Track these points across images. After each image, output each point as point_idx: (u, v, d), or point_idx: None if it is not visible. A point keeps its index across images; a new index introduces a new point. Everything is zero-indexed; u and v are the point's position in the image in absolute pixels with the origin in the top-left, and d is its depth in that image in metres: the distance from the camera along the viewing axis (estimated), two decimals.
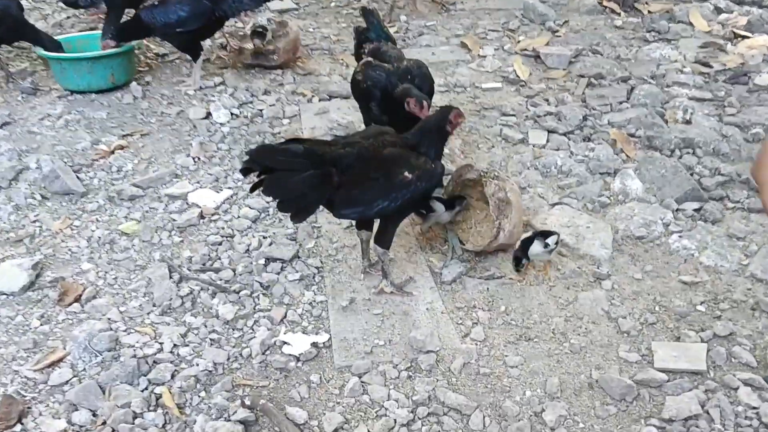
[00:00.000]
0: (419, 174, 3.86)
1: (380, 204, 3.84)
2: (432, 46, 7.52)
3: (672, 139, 5.54)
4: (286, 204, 3.72)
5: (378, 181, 3.82)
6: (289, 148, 3.67)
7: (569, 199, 5.03)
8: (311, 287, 4.31)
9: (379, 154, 3.85)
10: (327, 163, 3.72)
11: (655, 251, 4.58)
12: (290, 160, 3.63)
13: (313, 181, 3.68)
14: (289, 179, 3.63)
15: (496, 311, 4.12)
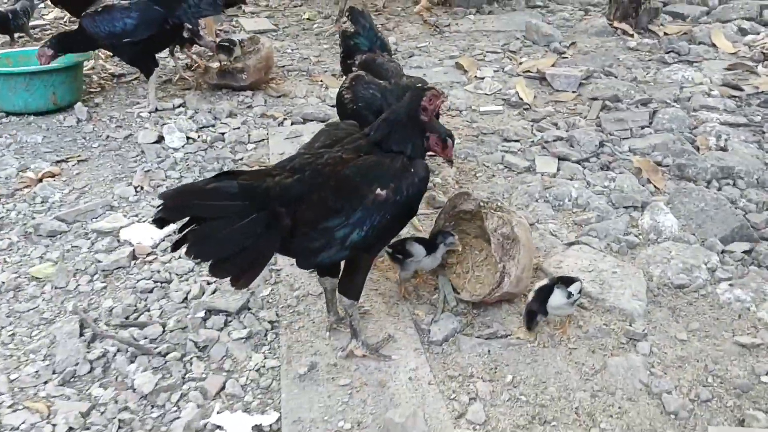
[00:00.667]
0: (395, 186, 2.93)
1: (354, 238, 2.90)
2: (423, 68, 6.67)
3: (708, 167, 4.63)
4: (222, 266, 2.77)
5: (344, 211, 2.88)
6: (218, 188, 2.73)
7: (588, 238, 4.09)
8: (261, 348, 3.34)
9: (337, 172, 2.91)
10: (272, 200, 2.79)
11: (701, 304, 3.63)
12: (221, 205, 2.71)
13: (256, 229, 2.75)
14: (222, 231, 2.69)
15: (500, 382, 3.15)
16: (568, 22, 7.89)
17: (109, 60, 6.73)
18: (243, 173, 2.89)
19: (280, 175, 2.87)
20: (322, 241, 2.89)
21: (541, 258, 3.92)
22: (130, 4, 5.42)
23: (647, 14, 7.61)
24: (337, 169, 2.92)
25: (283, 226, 2.81)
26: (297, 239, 2.87)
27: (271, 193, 2.79)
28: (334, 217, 2.88)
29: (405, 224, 3.17)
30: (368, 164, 2.97)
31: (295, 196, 2.83)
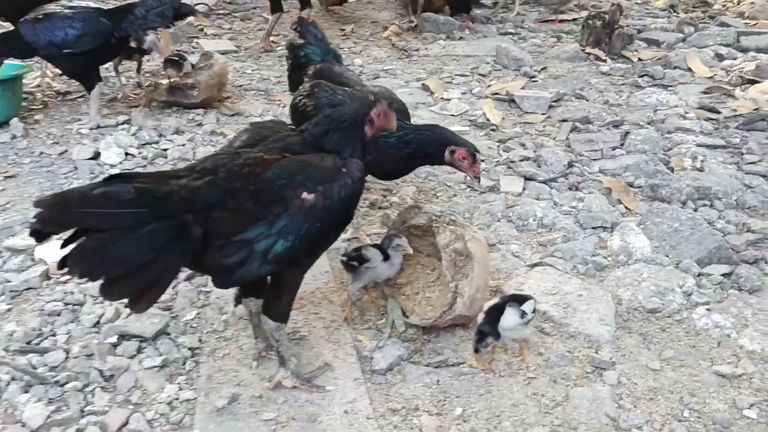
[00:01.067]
0: (325, 189, 2.57)
1: (278, 250, 2.51)
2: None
3: (683, 188, 4.31)
4: (116, 286, 2.34)
5: (265, 219, 2.51)
6: (107, 193, 2.30)
7: (553, 259, 3.73)
8: (177, 379, 2.92)
9: (257, 174, 2.54)
10: (177, 207, 2.41)
11: (676, 330, 3.26)
12: (112, 213, 2.29)
13: (157, 241, 2.35)
14: (113, 244, 2.29)
15: (448, 416, 2.75)
16: (539, 48, 7.65)
17: (57, 78, 6.36)
18: (140, 175, 2.49)
19: (188, 177, 2.49)
20: (241, 255, 2.49)
21: (501, 280, 3.54)
22: (74, 13, 5.08)
23: (621, 40, 7.39)
24: (257, 171, 2.54)
25: (192, 238, 2.41)
26: (210, 253, 2.48)
27: (175, 198, 2.40)
28: (254, 226, 2.50)
29: (339, 233, 2.80)
30: (294, 165, 2.61)
31: (206, 202, 2.45)
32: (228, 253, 2.48)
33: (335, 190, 2.58)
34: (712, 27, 8.13)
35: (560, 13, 8.82)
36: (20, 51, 5.11)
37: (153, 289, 2.39)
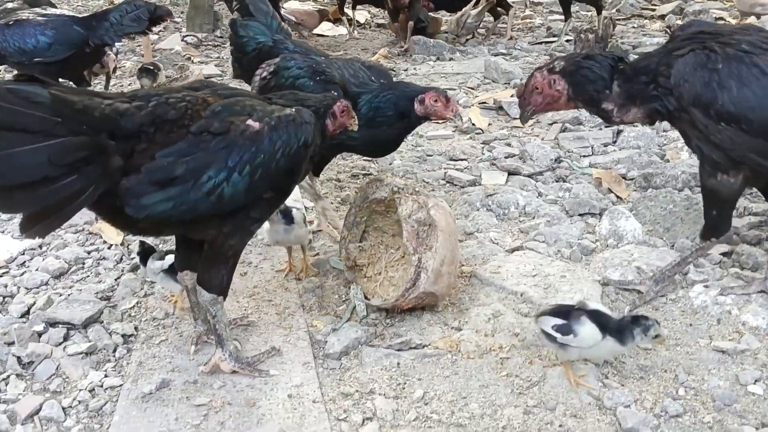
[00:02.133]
0: (273, 124, 2.31)
1: (212, 180, 2.21)
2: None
3: (678, 174, 3.99)
4: (10, 196, 2.02)
5: (203, 139, 2.22)
6: (19, 90, 2.01)
7: (535, 243, 3.40)
8: (103, 365, 2.60)
9: (196, 110, 2.27)
10: (97, 125, 2.12)
11: (670, 309, 2.91)
12: (20, 113, 2.00)
13: (66, 158, 2.05)
14: (15, 147, 2.00)
15: (407, 399, 2.41)
16: (531, 65, 7.43)
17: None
18: (63, 87, 2.21)
19: (116, 99, 2.21)
20: (164, 176, 2.18)
21: (476, 265, 3.22)
22: (47, 20, 4.90)
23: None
24: (196, 108, 2.27)
25: (109, 167, 2.12)
26: (131, 181, 2.17)
27: (96, 114, 2.11)
28: (184, 155, 2.21)
29: (283, 188, 2.49)
30: (239, 101, 2.35)
31: (131, 127, 2.16)
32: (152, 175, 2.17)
33: (283, 123, 2.31)
34: None
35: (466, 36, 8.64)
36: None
37: (52, 216, 2.06)
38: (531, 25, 9.50)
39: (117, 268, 3.26)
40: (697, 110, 2.57)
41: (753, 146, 2.53)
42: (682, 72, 2.58)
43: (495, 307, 2.87)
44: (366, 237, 3.09)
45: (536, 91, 2.87)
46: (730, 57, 2.53)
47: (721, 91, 2.50)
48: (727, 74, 2.50)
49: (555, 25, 9.14)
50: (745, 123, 2.49)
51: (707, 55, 2.55)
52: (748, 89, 2.49)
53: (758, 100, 2.48)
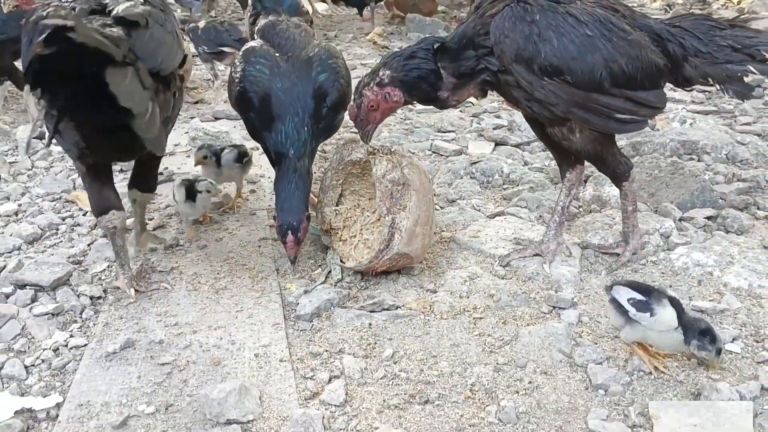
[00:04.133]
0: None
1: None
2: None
3: (667, 142, 3.93)
4: None
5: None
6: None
7: (517, 209, 3.34)
8: (69, 326, 2.56)
9: None
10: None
11: (650, 270, 2.85)
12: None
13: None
14: None
15: (376, 358, 2.36)
16: None
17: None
18: None
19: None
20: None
21: (455, 231, 3.16)
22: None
23: None
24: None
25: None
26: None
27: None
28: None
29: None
30: None
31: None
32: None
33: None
34: None
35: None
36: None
37: None
38: None
39: (91, 234, 3.22)
40: (521, 66, 2.46)
41: (576, 100, 2.46)
42: (501, 27, 2.46)
43: (472, 270, 2.82)
44: (342, 201, 3.03)
45: (372, 109, 2.66)
46: (545, 8, 2.46)
47: (543, 43, 2.41)
48: (545, 25, 2.43)
49: None
50: (569, 74, 2.43)
51: (524, 8, 2.46)
52: (567, 39, 2.42)
53: (578, 50, 2.42)
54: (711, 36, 2.55)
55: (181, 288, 2.77)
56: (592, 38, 2.43)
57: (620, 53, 2.45)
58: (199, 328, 2.52)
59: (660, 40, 2.56)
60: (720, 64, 2.51)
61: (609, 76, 2.44)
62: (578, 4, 2.50)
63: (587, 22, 2.45)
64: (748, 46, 2.50)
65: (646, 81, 2.50)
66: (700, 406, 2.06)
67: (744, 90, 2.53)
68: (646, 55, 2.48)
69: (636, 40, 2.48)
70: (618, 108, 2.50)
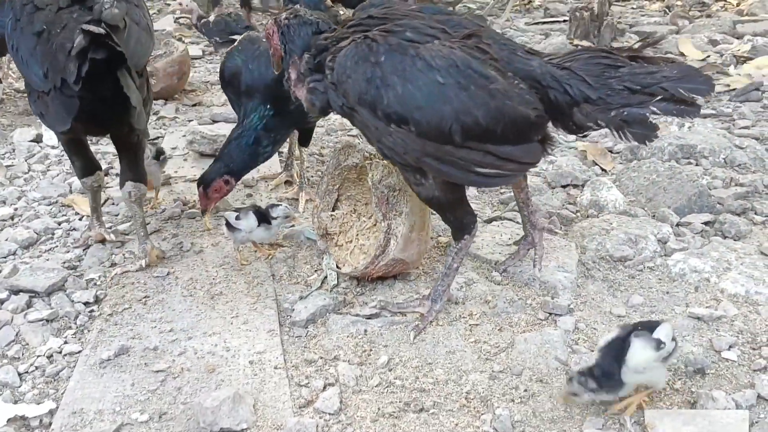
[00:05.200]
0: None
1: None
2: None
3: (665, 146, 3.92)
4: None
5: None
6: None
7: (513, 213, 3.33)
8: (63, 332, 2.55)
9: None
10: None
11: (647, 277, 2.84)
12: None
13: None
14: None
15: (371, 365, 2.35)
16: (526, 44, 7.34)
17: (20, 79, 6.14)
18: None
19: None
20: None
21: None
22: None
23: (610, 31, 7.07)
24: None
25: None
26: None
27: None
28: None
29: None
30: None
31: None
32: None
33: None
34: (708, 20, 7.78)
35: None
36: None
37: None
38: (529, 6, 9.40)
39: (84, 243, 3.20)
40: (364, 109, 2.26)
41: (427, 151, 2.23)
42: (344, 66, 2.26)
43: (468, 276, 2.81)
44: (339, 206, 3.03)
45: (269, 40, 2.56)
46: (393, 48, 2.21)
47: (386, 88, 2.18)
48: (390, 69, 2.19)
49: (553, 7, 9.05)
50: (414, 124, 2.19)
51: (369, 46, 2.24)
52: (413, 85, 2.17)
53: (425, 99, 2.17)
54: (604, 79, 2.23)
55: (177, 293, 2.77)
56: (444, 86, 2.16)
57: (476, 104, 2.16)
58: (194, 334, 2.51)
59: (540, 87, 2.25)
60: (615, 109, 2.19)
61: (461, 129, 2.18)
62: (435, 44, 2.23)
63: (440, 67, 2.17)
64: (649, 84, 2.18)
65: (511, 135, 2.23)
66: (696, 414, 2.05)
67: (646, 132, 2.20)
68: (511, 107, 2.19)
69: (500, 89, 2.18)
70: (477, 162, 2.25)
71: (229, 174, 3.10)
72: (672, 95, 2.15)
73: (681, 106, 2.16)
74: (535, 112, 2.23)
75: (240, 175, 3.17)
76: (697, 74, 2.20)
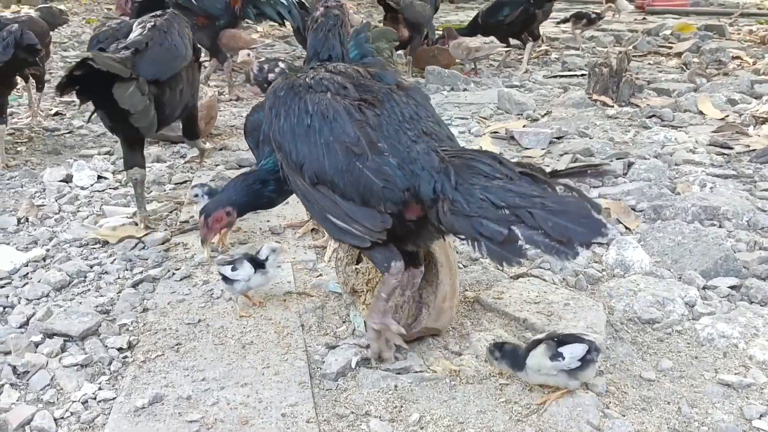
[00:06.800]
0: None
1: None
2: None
3: (688, 207, 3.96)
4: None
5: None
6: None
7: (540, 270, 3.37)
8: (98, 378, 2.58)
9: None
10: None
11: (676, 341, 2.85)
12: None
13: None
14: None
15: (402, 422, 2.36)
16: (545, 97, 7.44)
17: (49, 118, 6.28)
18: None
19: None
20: None
21: (479, 291, 3.18)
22: None
23: (629, 87, 7.15)
24: None
25: None
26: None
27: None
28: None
29: None
30: None
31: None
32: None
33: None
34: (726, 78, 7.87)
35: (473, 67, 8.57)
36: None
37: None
38: (546, 59, 9.54)
39: (118, 282, 3.26)
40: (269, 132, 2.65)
41: (295, 180, 2.52)
42: (269, 91, 2.70)
43: (497, 333, 2.83)
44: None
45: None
46: (292, 89, 2.54)
47: (275, 117, 2.54)
48: (282, 103, 2.53)
49: (570, 60, 9.17)
50: (284, 153, 2.51)
51: (284, 82, 2.63)
52: (289, 121, 2.48)
53: (292, 133, 2.48)
54: (470, 184, 2.11)
55: (208, 341, 2.80)
56: (308, 128, 2.40)
57: (328, 153, 2.34)
58: (226, 384, 2.53)
59: (407, 170, 2.25)
60: (470, 217, 2.06)
61: (311, 170, 2.38)
62: (327, 95, 2.43)
63: (313, 112, 2.41)
64: (516, 205, 2.00)
65: (355, 195, 2.31)
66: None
67: (504, 253, 2.02)
68: (359, 169, 2.28)
69: (356, 150, 2.29)
70: (327, 209, 2.39)
71: (232, 206, 3.28)
72: (538, 225, 1.95)
73: (550, 241, 1.94)
74: (385, 184, 2.25)
75: (242, 210, 3.38)
76: (583, 216, 1.96)
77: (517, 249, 2.00)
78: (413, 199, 2.25)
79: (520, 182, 2.07)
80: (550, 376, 2.42)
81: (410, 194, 2.25)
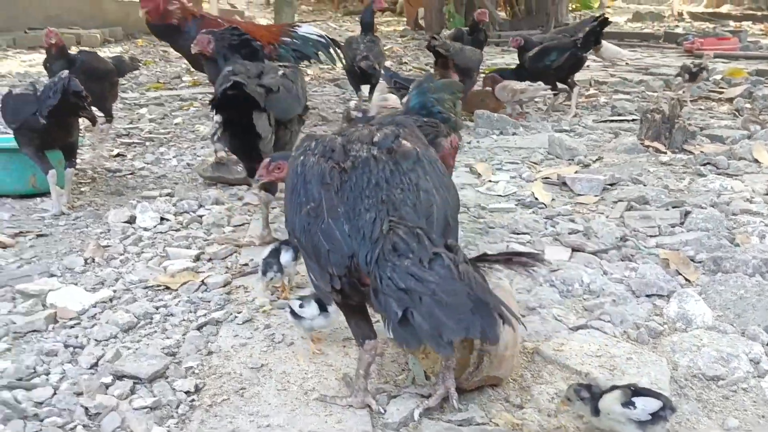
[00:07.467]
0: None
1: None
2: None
3: (749, 260, 3.90)
4: None
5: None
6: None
7: (600, 323, 3.35)
8: (166, 421, 2.63)
9: None
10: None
11: (742, 398, 2.81)
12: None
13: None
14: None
15: None
16: (596, 142, 7.44)
17: (111, 159, 6.49)
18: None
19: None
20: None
21: (540, 342, 3.18)
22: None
23: (682, 134, 7.10)
24: None
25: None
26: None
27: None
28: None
29: None
30: None
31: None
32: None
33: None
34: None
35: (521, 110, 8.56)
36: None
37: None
38: (596, 103, 9.54)
39: (182, 324, 3.33)
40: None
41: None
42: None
43: (558, 386, 2.82)
44: None
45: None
46: (303, 147, 2.66)
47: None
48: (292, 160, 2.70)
49: (620, 104, 9.16)
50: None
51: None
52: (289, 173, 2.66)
53: (287, 185, 2.65)
54: (386, 259, 2.14)
55: (271, 387, 2.84)
56: (293, 183, 2.56)
57: (294, 208, 2.51)
58: (291, 431, 2.56)
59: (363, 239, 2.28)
60: (381, 292, 2.09)
61: (286, 220, 2.62)
62: (315, 157, 2.53)
63: (296, 170, 2.56)
64: (409, 288, 2.02)
65: (313, 255, 2.40)
66: None
67: (404, 334, 2.01)
68: (314, 232, 2.37)
69: (309, 210, 2.40)
70: (308, 264, 2.51)
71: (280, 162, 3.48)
72: (425, 312, 1.96)
73: (430, 330, 1.94)
74: (331, 248, 2.30)
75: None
76: (462, 311, 1.94)
77: (414, 332, 1.98)
78: (359, 266, 2.26)
79: (430, 264, 2.06)
80: (618, 423, 2.42)
81: (355, 261, 2.28)
